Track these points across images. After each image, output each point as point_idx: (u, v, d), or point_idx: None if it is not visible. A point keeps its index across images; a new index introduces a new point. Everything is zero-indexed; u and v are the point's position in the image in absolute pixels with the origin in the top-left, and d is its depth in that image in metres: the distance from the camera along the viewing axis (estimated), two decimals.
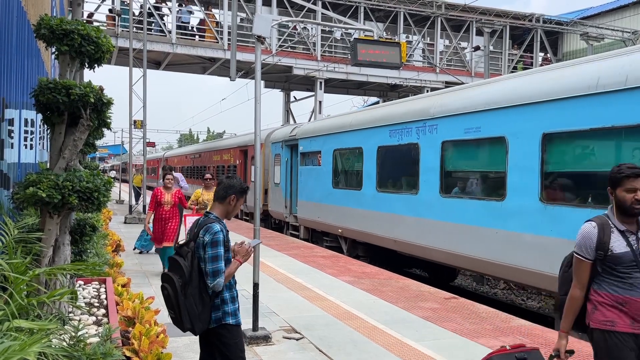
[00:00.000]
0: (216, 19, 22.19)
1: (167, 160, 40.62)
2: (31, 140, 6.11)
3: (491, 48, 23.45)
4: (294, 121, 27.04)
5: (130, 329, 4.61)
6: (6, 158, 4.78)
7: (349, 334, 6.10)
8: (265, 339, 5.76)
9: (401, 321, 6.62)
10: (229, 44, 20.71)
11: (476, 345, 5.72)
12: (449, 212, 9.04)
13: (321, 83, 23.12)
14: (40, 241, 4.24)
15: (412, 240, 10.09)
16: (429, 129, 9.67)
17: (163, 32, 20.78)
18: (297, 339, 5.91)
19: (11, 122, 4.97)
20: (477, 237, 8.34)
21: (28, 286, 3.60)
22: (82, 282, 5.92)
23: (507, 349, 3.53)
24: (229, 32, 20.75)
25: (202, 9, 21.60)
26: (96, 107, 4.50)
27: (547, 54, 26.73)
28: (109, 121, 4.80)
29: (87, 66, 4.83)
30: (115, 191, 29.88)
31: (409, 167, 10.32)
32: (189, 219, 9.13)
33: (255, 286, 5.94)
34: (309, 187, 15.08)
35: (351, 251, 13.06)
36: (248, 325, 5.72)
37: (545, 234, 7.06)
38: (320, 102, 23.28)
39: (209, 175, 10.96)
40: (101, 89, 4.56)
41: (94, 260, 6.26)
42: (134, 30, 19.38)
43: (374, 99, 32.57)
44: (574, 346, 3.52)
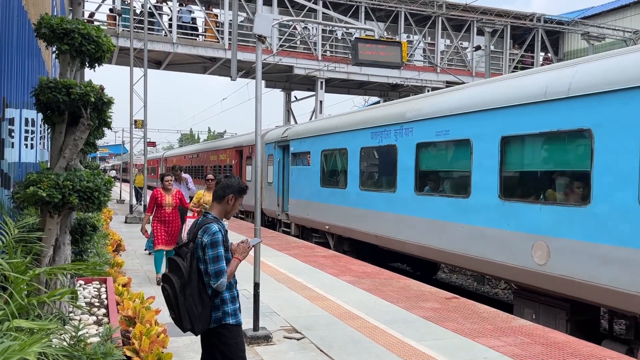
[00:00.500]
0: (217, 19, 22.18)
1: (167, 160, 40.63)
2: (32, 139, 6.12)
3: (492, 48, 23.45)
4: (295, 121, 27.04)
5: (130, 328, 4.60)
6: (7, 157, 4.78)
7: (350, 333, 6.10)
8: (266, 338, 5.75)
9: (402, 321, 6.62)
10: (229, 43, 20.70)
11: (477, 345, 5.72)
12: (423, 209, 9.70)
13: (322, 83, 23.11)
14: (41, 241, 4.23)
15: (391, 235, 10.70)
16: (405, 131, 10.32)
17: (165, 31, 20.77)
18: (297, 339, 5.90)
19: (12, 121, 4.97)
20: (447, 232, 8.96)
21: (28, 286, 3.60)
22: (82, 282, 5.91)
23: None
24: (229, 32, 20.74)
25: (203, 8, 21.58)
26: (97, 107, 4.50)
27: (548, 54, 26.71)
28: (110, 121, 4.80)
29: (87, 65, 4.83)
30: (115, 191, 29.93)
31: (388, 167, 11.01)
32: (190, 222, 8.79)
33: (256, 286, 5.94)
34: (299, 186, 15.58)
35: (337, 247, 13.58)
36: (249, 325, 5.72)
37: (503, 227, 7.70)
38: (321, 102, 23.27)
39: (211, 176, 10.07)
40: (102, 88, 4.55)
41: (94, 260, 6.26)
42: (135, 30, 19.38)
43: (374, 98, 32.55)
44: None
